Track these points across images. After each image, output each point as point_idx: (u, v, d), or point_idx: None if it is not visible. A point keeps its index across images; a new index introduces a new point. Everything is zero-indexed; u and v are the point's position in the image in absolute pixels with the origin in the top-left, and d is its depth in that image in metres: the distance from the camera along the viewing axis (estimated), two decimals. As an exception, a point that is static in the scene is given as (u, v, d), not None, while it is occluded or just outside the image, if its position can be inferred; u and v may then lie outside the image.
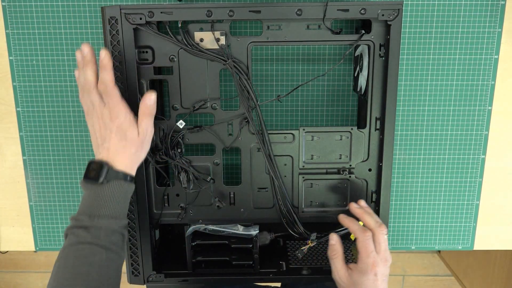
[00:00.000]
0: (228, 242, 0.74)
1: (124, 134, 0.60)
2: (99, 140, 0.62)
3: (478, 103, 0.78)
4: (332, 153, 0.71)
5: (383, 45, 0.66)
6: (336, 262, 0.66)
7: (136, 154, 0.62)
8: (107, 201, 0.58)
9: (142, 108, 0.62)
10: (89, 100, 0.61)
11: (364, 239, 0.64)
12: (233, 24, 0.75)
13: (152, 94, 0.62)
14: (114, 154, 0.60)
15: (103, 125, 0.61)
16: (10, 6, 0.74)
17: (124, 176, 0.60)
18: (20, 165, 0.82)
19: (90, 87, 0.60)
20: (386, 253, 0.64)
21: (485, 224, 0.84)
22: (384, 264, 0.64)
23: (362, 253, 0.64)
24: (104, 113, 0.60)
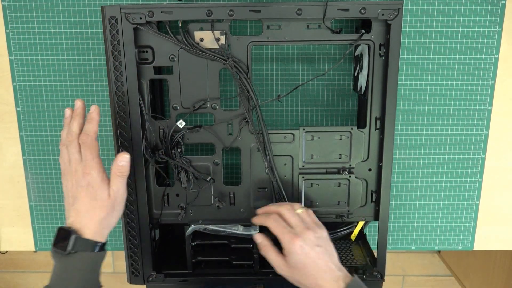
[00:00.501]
0: (228, 242, 0.74)
1: (94, 192, 0.59)
2: (70, 200, 0.61)
3: (478, 103, 0.78)
4: (332, 153, 0.71)
5: (383, 44, 0.66)
6: (270, 257, 0.62)
7: (106, 219, 0.60)
8: (75, 275, 0.57)
9: (114, 169, 0.61)
10: (67, 155, 0.61)
11: (271, 223, 0.62)
12: (233, 24, 0.75)
13: (125, 155, 0.61)
14: (83, 218, 0.59)
15: (75, 182, 0.60)
16: (10, 6, 0.74)
17: (93, 245, 0.58)
18: (20, 165, 0.82)
19: (72, 138, 0.60)
20: (305, 223, 0.62)
21: (485, 224, 0.84)
22: (308, 233, 0.60)
23: (278, 235, 0.61)
24: (78, 169, 0.60)
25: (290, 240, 0.60)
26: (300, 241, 0.60)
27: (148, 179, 0.70)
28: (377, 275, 0.72)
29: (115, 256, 1.97)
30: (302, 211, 0.63)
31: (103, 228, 0.60)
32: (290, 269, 0.60)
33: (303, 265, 0.59)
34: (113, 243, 0.86)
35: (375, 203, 0.72)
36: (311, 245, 0.60)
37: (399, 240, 0.86)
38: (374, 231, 0.83)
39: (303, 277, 0.60)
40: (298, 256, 0.59)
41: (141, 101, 0.66)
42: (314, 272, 0.59)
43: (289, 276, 0.61)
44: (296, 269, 0.60)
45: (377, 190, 0.71)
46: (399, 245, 0.86)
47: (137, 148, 0.67)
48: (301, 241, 0.60)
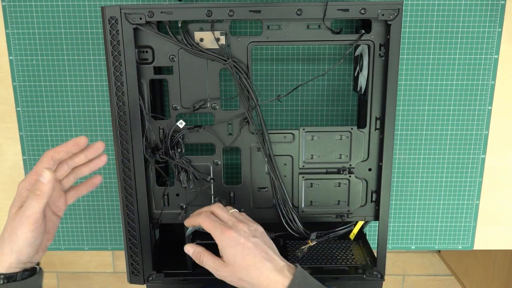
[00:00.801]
0: (228, 242, 0.74)
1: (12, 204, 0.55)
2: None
3: (478, 103, 0.78)
4: (332, 153, 0.71)
5: (383, 45, 0.66)
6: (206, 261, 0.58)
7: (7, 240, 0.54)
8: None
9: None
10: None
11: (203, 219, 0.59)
12: (233, 24, 0.75)
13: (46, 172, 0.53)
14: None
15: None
16: (10, 6, 0.74)
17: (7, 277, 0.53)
18: (20, 165, 0.82)
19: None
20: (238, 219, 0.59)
21: (485, 224, 0.84)
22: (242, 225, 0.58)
23: (210, 230, 0.57)
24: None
25: (222, 232, 0.56)
26: (234, 232, 0.56)
27: (148, 179, 0.70)
28: (377, 275, 0.72)
29: (115, 256, 1.97)
30: (235, 211, 0.62)
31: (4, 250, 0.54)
32: (229, 267, 0.56)
33: (242, 257, 0.55)
34: (113, 243, 0.86)
35: (375, 203, 0.72)
36: (246, 236, 0.56)
37: (399, 240, 0.86)
38: (374, 231, 0.83)
39: (245, 272, 0.55)
40: (233, 248, 0.55)
41: (141, 101, 0.66)
42: (255, 262, 0.55)
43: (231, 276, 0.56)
44: (236, 264, 0.55)
45: (377, 190, 0.71)
46: (399, 245, 0.86)
47: (137, 148, 0.67)
48: (234, 232, 0.56)
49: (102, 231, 0.85)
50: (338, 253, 0.78)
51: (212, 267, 0.58)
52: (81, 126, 0.79)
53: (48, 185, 0.53)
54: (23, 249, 0.53)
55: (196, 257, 0.60)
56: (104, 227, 0.85)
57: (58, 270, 1.99)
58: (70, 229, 0.85)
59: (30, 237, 0.53)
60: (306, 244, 0.72)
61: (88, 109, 0.79)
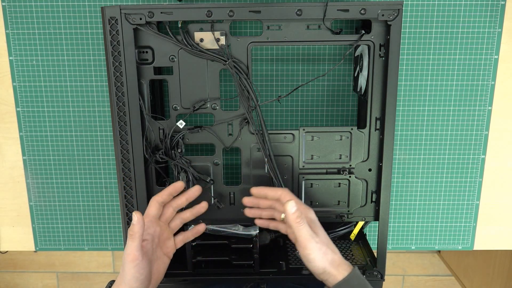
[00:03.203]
0: (228, 242, 0.74)
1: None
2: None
3: (478, 103, 0.78)
4: (332, 153, 0.71)
5: (383, 45, 0.66)
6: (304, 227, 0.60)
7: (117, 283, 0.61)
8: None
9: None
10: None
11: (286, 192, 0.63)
12: (233, 24, 0.75)
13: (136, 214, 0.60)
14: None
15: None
16: (10, 6, 0.74)
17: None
18: (20, 165, 0.82)
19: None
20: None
21: (485, 224, 0.84)
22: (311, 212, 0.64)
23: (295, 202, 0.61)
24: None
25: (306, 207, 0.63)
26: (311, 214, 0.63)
27: (148, 179, 0.70)
28: (377, 275, 0.72)
29: (115, 256, 1.97)
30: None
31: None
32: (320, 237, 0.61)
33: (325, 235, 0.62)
34: (113, 243, 0.86)
35: (375, 203, 0.72)
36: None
37: (399, 240, 0.86)
38: (374, 231, 0.83)
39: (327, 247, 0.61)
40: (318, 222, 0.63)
41: (141, 101, 0.66)
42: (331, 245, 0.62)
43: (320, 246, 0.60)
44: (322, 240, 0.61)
45: (377, 190, 0.71)
46: (399, 245, 0.86)
47: (137, 148, 0.67)
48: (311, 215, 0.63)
49: (102, 231, 0.86)
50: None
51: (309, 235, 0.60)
52: (81, 126, 0.79)
53: (137, 225, 0.59)
54: (131, 283, 0.60)
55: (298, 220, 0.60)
56: (104, 227, 0.85)
57: (58, 270, 2.00)
58: (70, 229, 0.85)
59: (135, 272, 0.59)
60: (306, 244, 0.72)
61: (88, 109, 0.79)
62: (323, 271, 0.59)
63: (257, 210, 0.68)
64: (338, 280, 0.58)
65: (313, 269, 0.60)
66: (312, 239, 0.60)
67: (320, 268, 0.59)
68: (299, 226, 0.60)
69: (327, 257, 0.60)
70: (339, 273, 0.59)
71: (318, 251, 0.59)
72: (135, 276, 0.59)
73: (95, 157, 0.81)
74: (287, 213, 0.60)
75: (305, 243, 0.59)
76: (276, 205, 0.65)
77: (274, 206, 0.66)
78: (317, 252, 0.59)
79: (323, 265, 0.59)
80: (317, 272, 0.60)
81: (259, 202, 0.67)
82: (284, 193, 0.63)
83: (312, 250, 0.59)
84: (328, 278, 0.59)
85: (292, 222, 0.60)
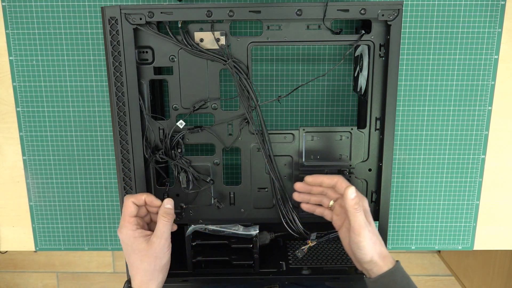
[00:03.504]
0: (228, 242, 0.74)
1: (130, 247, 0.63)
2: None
3: (478, 103, 0.78)
4: (332, 153, 0.71)
5: (383, 45, 0.66)
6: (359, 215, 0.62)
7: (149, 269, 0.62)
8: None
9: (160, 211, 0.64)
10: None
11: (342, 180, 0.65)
12: (233, 24, 0.75)
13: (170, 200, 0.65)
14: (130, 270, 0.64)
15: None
16: (10, 6, 0.74)
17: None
18: (20, 165, 0.82)
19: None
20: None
21: (485, 224, 0.84)
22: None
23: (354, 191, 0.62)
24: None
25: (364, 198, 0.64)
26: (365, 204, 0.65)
27: (148, 179, 0.70)
28: (377, 275, 0.72)
29: (115, 256, 1.97)
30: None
31: (149, 279, 0.62)
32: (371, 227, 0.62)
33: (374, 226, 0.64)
34: (113, 243, 0.86)
35: (375, 203, 0.72)
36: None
37: (399, 240, 0.86)
38: (374, 231, 0.83)
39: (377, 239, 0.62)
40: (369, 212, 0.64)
41: (141, 101, 0.66)
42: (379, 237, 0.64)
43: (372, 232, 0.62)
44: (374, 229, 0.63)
45: (377, 190, 0.71)
46: (399, 245, 0.86)
47: (137, 148, 0.67)
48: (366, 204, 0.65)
49: (102, 231, 0.86)
50: (338, 253, 0.78)
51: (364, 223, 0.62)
52: (81, 126, 0.79)
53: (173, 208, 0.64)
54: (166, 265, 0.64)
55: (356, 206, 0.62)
56: (104, 227, 0.85)
57: (58, 270, 2.00)
58: (70, 229, 0.85)
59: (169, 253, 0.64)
60: (306, 244, 0.72)
61: (88, 109, 0.79)
62: (370, 260, 0.61)
63: (306, 195, 0.69)
64: (383, 271, 0.61)
65: (361, 256, 0.62)
66: (366, 227, 0.62)
67: (368, 256, 0.61)
68: (356, 212, 0.61)
69: (376, 247, 0.62)
70: (385, 264, 0.61)
71: (369, 239, 0.61)
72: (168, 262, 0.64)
73: (95, 157, 0.81)
74: (347, 198, 0.62)
75: (359, 230, 0.61)
76: (328, 191, 0.67)
77: (325, 192, 0.68)
78: (369, 240, 0.61)
79: (371, 254, 0.61)
80: (364, 260, 0.62)
81: (312, 188, 0.68)
82: (340, 180, 0.65)
83: (364, 238, 0.61)
84: (373, 268, 0.61)
85: (351, 207, 0.61)
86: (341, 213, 0.66)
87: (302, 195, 0.69)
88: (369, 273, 0.62)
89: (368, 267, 0.62)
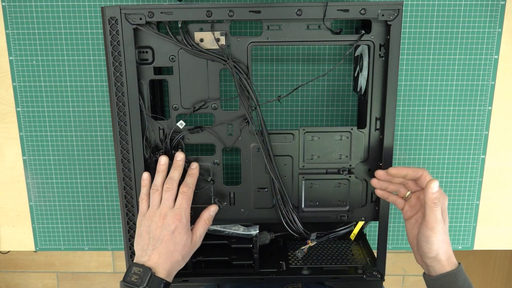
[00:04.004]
0: (228, 242, 0.74)
1: (180, 238, 0.63)
2: (151, 241, 0.63)
3: (478, 103, 0.78)
4: (332, 153, 0.71)
5: (383, 45, 0.66)
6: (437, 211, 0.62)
7: (179, 263, 0.64)
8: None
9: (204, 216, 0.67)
10: (158, 198, 0.65)
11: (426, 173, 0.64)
12: (233, 24, 0.75)
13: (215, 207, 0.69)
14: (161, 258, 0.62)
15: (161, 225, 0.63)
16: (10, 6, 0.74)
17: (164, 284, 0.61)
18: (20, 165, 0.82)
19: (172, 186, 0.65)
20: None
21: (485, 224, 0.84)
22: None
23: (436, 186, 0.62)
24: (169, 214, 0.64)
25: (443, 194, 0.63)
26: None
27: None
28: (377, 275, 0.72)
29: (115, 256, 1.97)
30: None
31: (174, 270, 0.63)
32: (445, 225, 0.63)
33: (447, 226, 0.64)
34: (113, 243, 0.86)
35: (375, 203, 0.72)
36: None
37: (399, 240, 0.86)
38: (374, 231, 0.83)
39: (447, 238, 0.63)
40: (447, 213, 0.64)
41: (141, 101, 0.66)
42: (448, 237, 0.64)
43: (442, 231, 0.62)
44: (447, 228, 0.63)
45: (377, 190, 0.71)
46: (399, 245, 0.86)
47: (137, 148, 0.67)
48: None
49: (102, 231, 0.86)
50: (338, 253, 0.78)
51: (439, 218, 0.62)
52: (81, 126, 0.79)
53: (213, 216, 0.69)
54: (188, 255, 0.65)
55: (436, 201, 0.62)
56: (104, 227, 0.85)
57: (58, 270, 2.00)
58: (70, 229, 0.85)
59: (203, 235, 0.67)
60: (306, 244, 0.72)
61: (88, 109, 0.79)
62: (435, 256, 0.62)
63: (385, 183, 0.69)
64: (446, 271, 0.62)
65: (427, 250, 0.62)
66: (439, 223, 0.62)
67: (434, 252, 0.62)
68: (434, 207, 0.62)
69: (444, 245, 0.62)
70: (448, 264, 0.62)
71: (440, 236, 0.62)
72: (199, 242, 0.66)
73: (95, 157, 0.81)
74: (429, 192, 0.61)
75: (432, 224, 0.61)
76: (408, 183, 0.67)
77: (405, 183, 0.68)
78: (439, 236, 0.62)
79: (438, 250, 0.62)
80: (429, 255, 0.62)
81: (393, 179, 0.68)
82: (425, 173, 0.64)
83: (435, 233, 0.61)
84: (435, 266, 0.62)
85: (430, 201, 0.61)
86: (415, 204, 0.67)
87: (381, 182, 0.68)
88: (430, 270, 0.63)
89: (430, 263, 0.63)
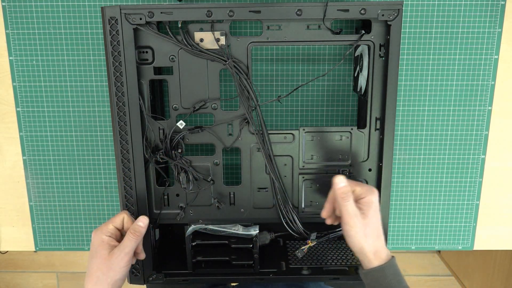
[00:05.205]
0: (228, 242, 0.74)
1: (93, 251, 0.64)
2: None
3: (478, 103, 0.78)
4: (332, 153, 0.71)
5: (383, 45, 0.66)
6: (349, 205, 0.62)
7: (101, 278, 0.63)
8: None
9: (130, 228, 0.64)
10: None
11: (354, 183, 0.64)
12: (233, 24, 0.75)
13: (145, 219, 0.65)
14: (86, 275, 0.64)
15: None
16: (10, 6, 0.74)
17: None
18: (20, 165, 0.82)
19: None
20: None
21: (485, 224, 0.84)
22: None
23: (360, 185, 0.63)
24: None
25: (370, 190, 0.63)
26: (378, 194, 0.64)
27: (148, 179, 0.70)
28: (377, 275, 0.72)
29: (115, 256, 1.96)
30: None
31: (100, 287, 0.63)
32: (364, 220, 0.61)
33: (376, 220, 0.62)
34: (113, 243, 0.86)
35: (375, 203, 0.72)
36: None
37: (399, 240, 0.86)
38: (374, 231, 0.83)
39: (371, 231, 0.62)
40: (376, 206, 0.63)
41: (141, 101, 0.66)
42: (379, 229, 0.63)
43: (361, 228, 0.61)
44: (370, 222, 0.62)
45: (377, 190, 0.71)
46: (399, 245, 0.86)
47: (137, 148, 0.67)
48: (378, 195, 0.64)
49: (102, 231, 0.85)
50: (338, 253, 0.78)
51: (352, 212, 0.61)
52: (81, 126, 0.79)
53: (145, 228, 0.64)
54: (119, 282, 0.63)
55: (343, 196, 0.62)
56: (104, 227, 0.85)
57: (58, 270, 2.00)
58: (70, 229, 0.85)
59: (125, 271, 0.63)
60: (306, 244, 0.72)
61: (88, 109, 0.79)
62: (359, 251, 0.62)
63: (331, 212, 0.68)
64: (372, 266, 0.61)
65: (351, 244, 0.63)
66: (354, 217, 0.61)
67: (357, 246, 0.62)
68: (343, 201, 0.62)
69: (368, 239, 0.61)
70: (375, 259, 0.61)
71: (359, 229, 0.61)
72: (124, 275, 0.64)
73: (95, 157, 0.81)
74: (335, 187, 0.62)
75: (347, 219, 0.61)
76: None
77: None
78: (358, 229, 0.61)
79: (361, 244, 0.61)
80: (354, 249, 0.63)
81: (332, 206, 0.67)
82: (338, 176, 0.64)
83: (352, 227, 0.61)
84: (364, 260, 0.62)
85: (339, 196, 0.62)
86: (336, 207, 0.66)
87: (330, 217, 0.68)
88: (362, 265, 0.63)
89: (360, 257, 0.63)
